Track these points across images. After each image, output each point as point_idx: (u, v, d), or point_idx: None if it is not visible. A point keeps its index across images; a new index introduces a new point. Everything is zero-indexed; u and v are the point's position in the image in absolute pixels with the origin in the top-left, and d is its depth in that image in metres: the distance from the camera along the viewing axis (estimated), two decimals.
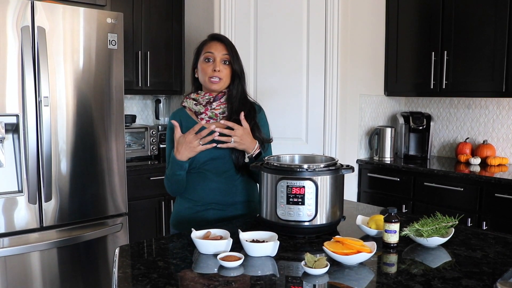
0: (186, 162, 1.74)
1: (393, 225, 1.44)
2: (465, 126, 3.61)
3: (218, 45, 1.84)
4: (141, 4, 3.43)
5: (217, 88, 1.83)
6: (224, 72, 1.83)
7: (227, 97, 1.86)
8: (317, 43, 3.27)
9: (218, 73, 1.81)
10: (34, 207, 2.48)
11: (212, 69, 1.81)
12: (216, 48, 1.83)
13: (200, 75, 1.85)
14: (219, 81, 1.82)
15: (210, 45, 1.84)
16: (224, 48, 1.83)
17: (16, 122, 2.41)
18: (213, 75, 1.81)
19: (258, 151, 1.81)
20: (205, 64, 1.82)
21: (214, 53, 1.82)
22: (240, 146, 1.77)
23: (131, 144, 3.45)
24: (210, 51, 1.82)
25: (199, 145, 1.70)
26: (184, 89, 3.74)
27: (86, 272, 2.72)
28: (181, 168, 1.75)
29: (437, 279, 1.21)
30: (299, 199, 1.53)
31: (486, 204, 2.87)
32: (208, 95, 1.85)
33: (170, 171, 1.79)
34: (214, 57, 1.82)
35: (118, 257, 1.38)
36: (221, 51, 1.82)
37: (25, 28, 2.38)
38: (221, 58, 1.82)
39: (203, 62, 1.83)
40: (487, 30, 3.07)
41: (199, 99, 1.85)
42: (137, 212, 3.16)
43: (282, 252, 1.41)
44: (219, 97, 1.85)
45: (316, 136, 3.33)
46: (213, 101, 1.84)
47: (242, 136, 1.75)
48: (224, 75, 1.83)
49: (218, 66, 1.80)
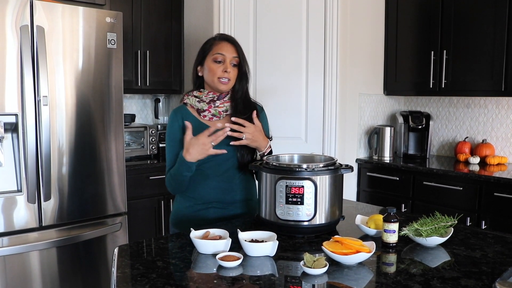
0: (194, 164, 1.74)
1: (392, 224, 1.44)
2: (464, 125, 3.61)
3: (229, 47, 1.85)
4: (140, 3, 3.42)
5: (225, 89, 1.86)
6: (233, 74, 1.85)
7: (230, 96, 1.89)
8: (317, 42, 3.27)
9: (228, 74, 1.83)
10: (33, 207, 2.48)
11: (222, 70, 1.82)
12: (227, 50, 1.84)
13: (208, 75, 1.86)
14: (228, 82, 1.84)
15: (220, 46, 1.85)
16: (235, 51, 1.86)
17: (15, 121, 2.40)
18: (223, 76, 1.82)
19: (270, 149, 1.85)
20: (215, 65, 1.83)
21: (225, 55, 1.83)
22: (253, 143, 1.78)
23: (130, 143, 3.44)
24: (221, 53, 1.83)
25: (211, 147, 1.70)
26: (183, 88, 3.73)
27: (85, 272, 2.72)
28: (188, 169, 1.74)
29: (436, 278, 1.21)
30: (298, 199, 1.53)
31: (485, 203, 2.87)
32: (212, 93, 1.87)
33: (176, 171, 1.78)
34: (224, 59, 1.83)
35: (117, 257, 1.38)
36: (232, 53, 1.85)
37: (24, 27, 2.37)
38: (231, 60, 1.84)
39: (212, 62, 1.84)
40: (487, 30, 3.07)
41: (202, 97, 1.86)
42: (137, 211, 3.16)
43: (281, 252, 1.41)
44: (223, 96, 1.87)
45: (315, 135, 3.33)
46: (216, 100, 1.86)
47: (254, 133, 1.77)
48: (232, 76, 1.85)
49: (228, 68, 1.83)
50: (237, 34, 3.24)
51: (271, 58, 3.29)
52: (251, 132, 1.76)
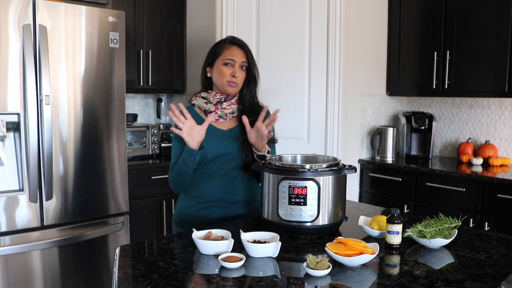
0: (196, 153, 1.75)
1: (396, 226, 1.43)
2: (467, 126, 3.60)
3: (239, 52, 1.89)
4: (143, 2, 3.42)
5: (233, 92, 1.90)
6: (241, 77, 1.89)
7: (237, 98, 1.92)
8: (319, 43, 3.26)
9: (236, 78, 1.87)
10: (35, 206, 2.48)
11: (231, 73, 1.86)
12: (236, 55, 1.88)
13: (217, 77, 1.89)
14: (236, 85, 1.88)
15: (231, 51, 1.88)
16: (244, 55, 1.89)
17: (17, 120, 2.40)
18: (232, 80, 1.86)
19: (268, 149, 1.86)
20: (224, 68, 1.87)
21: (235, 59, 1.87)
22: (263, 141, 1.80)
23: (132, 143, 3.44)
24: (232, 58, 1.87)
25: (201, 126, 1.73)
26: (185, 88, 3.73)
27: (87, 271, 2.71)
28: (191, 156, 1.75)
29: (440, 281, 1.20)
30: (301, 200, 1.52)
31: (488, 204, 2.86)
32: (220, 95, 1.90)
33: (180, 161, 1.80)
34: (234, 64, 1.87)
35: (119, 257, 1.38)
36: (241, 58, 1.88)
37: (27, 26, 2.37)
38: (240, 65, 1.88)
39: (221, 65, 1.87)
40: (490, 30, 3.05)
41: (209, 98, 1.89)
42: (138, 211, 3.16)
43: (284, 253, 1.40)
44: (230, 97, 1.91)
45: (317, 136, 3.33)
46: (223, 101, 1.89)
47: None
48: (240, 80, 1.89)
49: (237, 72, 1.86)
50: (240, 34, 3.23)
51: (273, 58, 3.28)
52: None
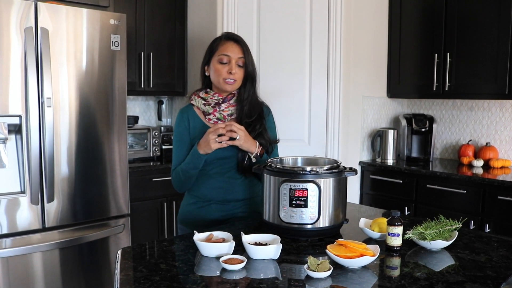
0: (201, 156, 1.77)
1: (397, 228, 1.43)
2: (467, 128, 3.60)
3: (235, 47, 1.84)
4: (144, 5, 3.43)
5: (231, 89, 1.86)
6: (239, 74, 1.85)
7: (236, 99, 1.89)
8: (320, 45, 3.27)
9: (233, 75, 1.82)
10: (37, 208, 2.48)
11: (227, 71, 1.82)
12: (232, 51, 1.83)
13: (214, 75, 1.86)
14: (233, 83, 1.84)
15: (226, 47, 1.84)
16: (240, 51, 1.84)
17: (19, 123, 2.41)
18: (228, 77, 1.82)
19: (262, 150, 1.86)
20: (220, 65, 1.83)
21: (231, 55, 1.82)
22: (244, 144, 1.79)
23: (133, 145, 3.45)
24: (227, 54, 1.82)
25: (215, 142, 1.73)
26: (187, 90, 3.74)
27: (88, 273, 2.71)
28: (197, 158, 1.77)
29: (441, 283, 1.20)
30: (302, 202, 1.53)
31: (489, 206, 2.86)
32: (218, 95, 1.87)
33: (186, 161, 1.82)
34: (230, 60, 1.82)
35: (120, 259, 1.38)
36: (237, 54, 1.83)
37: (29, 29, 2.38)
38: (236, 61, 1.83)
39: (217, 63, 1.83)
40: (490, 32, 3.06)
41: (208, 99, 1.87)
42: (140, 213, 3.16)
43: (285, 255, 1.41)
44: (228, 98, 1.88)
45: (318, 138, 3.33)
46: (222, 103, 1.87)
47: (245, 136, 1.78)
48: (238, 77, 1.85)
49: (233, 69, 1.82)
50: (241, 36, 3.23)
51: (274, 60, 3.28)
52: (242, 135, 1.76)
